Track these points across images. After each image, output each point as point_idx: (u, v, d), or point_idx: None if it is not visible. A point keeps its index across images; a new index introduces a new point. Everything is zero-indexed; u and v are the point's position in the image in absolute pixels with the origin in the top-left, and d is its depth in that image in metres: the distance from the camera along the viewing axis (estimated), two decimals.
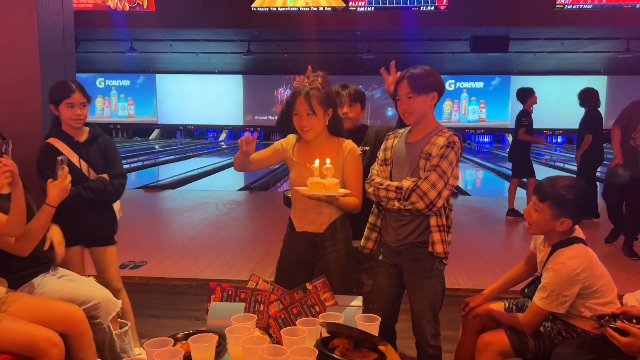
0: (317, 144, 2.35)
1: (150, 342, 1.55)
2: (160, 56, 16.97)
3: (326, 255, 2.34)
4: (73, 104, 2.62)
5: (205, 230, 6.01)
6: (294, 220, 2.40)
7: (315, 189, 2.12)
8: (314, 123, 2.28)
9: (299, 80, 2.33)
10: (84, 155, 2.69)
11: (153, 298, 3.79)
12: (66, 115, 2.64)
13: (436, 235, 2.16)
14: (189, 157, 15.43)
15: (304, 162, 2.33)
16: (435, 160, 2.12)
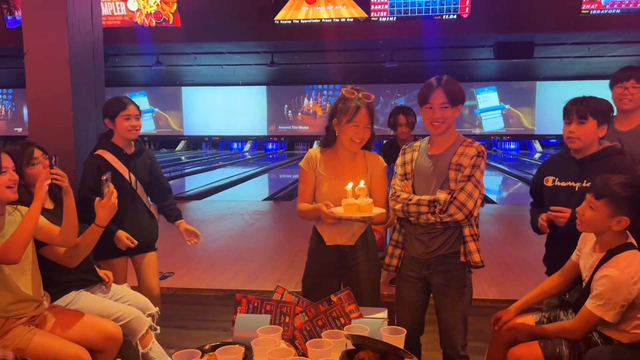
0: (345, 157, 2.38)
1: (179, 354, 1.58)
2: (185, 69, 17.25)
3: (356, 266, 2.37)
4: (129, 115, 2.75)
5: (231, 241, 6.07)
6: (322, 233, 2.41)
7: (351, 211, 2.14)
8: (366, 136, 2.32)
9: (348, 91, 2.35)
10: (132, 167, 2.80)
11: (180, 309, 3.84)
12: (123, 126, 2.74)
13: (472, 245, 2.18)
14: (215, 168, 15.63)
15: (334, 176, 2.36)
16: (467, 170, 2.15)
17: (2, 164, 2.06)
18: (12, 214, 2.20)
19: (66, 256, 2.29)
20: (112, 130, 2.79)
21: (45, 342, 2.06)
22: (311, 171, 2.40)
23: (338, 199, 2.21)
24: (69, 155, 3.03)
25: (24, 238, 2.03)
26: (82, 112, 3.12)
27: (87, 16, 3.16)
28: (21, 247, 2.03)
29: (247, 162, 17.84)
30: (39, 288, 2.24)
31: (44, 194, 2.09)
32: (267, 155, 20.38)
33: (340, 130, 2.33)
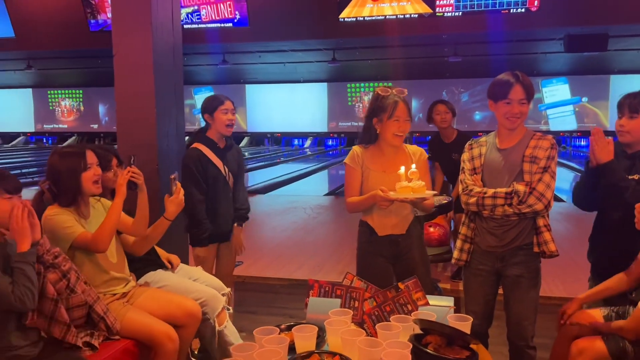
0: (389, 151, 2.48)
1: (259, 330, 1.73)
2: (249, 67, 17.71)
3: (410, 254, 2.47)
4: (227, 110, 2.99)
5: (295, 234, 6.26)
6: (373, 224, 2.51)
7: (405, 193, 2.24)
8: (407, 129, 2.43)
9: (382, 89, 2.45)
10: (225, 159, 3.04)
11: (250, 296, 4.04)
12: (221, 120, 2.97)
13: (547, 235, 2.25)
14: (276, 164, 15.96)
15: (381, 170, 2.46)
16: (543, 162, 2.21)
17: (88, 161, 2.30)
18: (95, 206, 2.44)
19: (135, 245, 2.53)
20: (206, 126, 3.01)
21: (137, 318, 2.27)
22: (357, 167, 2.51)
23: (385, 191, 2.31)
24: (152, 149, 3.27)
25: (110, 230, 2.27)
26: (164, 109, 3.35)
27: (168, 19, 3.39)
28: (108, 238, 2.27)
29: (307, 158, 18.09)
30: (125, 268, 2.48)
31: (125, 190, 2.33)
32: (327, 151, 20.56)
33: (382, 127, 2.43)
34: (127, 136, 3.33)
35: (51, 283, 1.96)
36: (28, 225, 1.86)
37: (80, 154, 2.29)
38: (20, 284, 1.79)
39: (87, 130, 22.75)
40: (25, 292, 1.79)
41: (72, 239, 2.21)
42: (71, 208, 2.28)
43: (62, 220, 2.22)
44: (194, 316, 2.43)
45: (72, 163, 2.26)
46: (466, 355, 1.64)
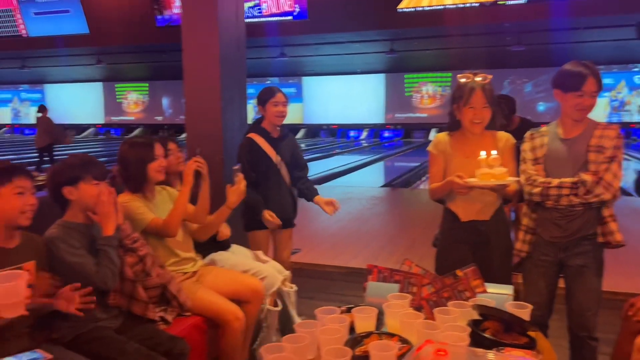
0: (474, 138, 2.44)
1: (321, 310, 1.82)
2: (307, 59, 17.86)
3: (492, 241, 2.43)
4: (277, 102, 3.10)
5: (350, 224, 6.34)
6: (456, 210, 2.47)
7: (485, 179, 2.22)
8: (487, 116, 2.38)
9: (463, 76, 2.45)
10: (277, 148, 3.17)
11: (307, 282, 4.15)
12: (272, 111, 3.11)
13: (613, 225, 2.22)
14: (332, 155, 16.07)
15: (464, 156, 2.43)
16: (610, 151, 2.18)
17: (155, 152, 2.46)
18: (161, 193, 2.61)
19: (198, 232, 2.69)
20: (261, 117, 3.14)
21: (207, 297, 2.43)
22: (440, 154, 2.50)
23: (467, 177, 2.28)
24: (218, 140, 3.43)
25: (179, 216, 2.43)
26: (228, 101, 3.50)
27: (233, 13, 3.53)
28: (177, 224, 2.43)
29: (363, 149, 18.09)
30: (191, 249, 2.65)
31: (191, 179, 2.49)
32: (383, 143, 20.47)
33: (460, 114, 2.42)
34: (194, 128, 3.51)
35: (129, 266, 2.13)
36: (114, 210, 2.03)
37: (148, 145, 2.46)
38: (104, 265, 1.95)
39: (152, 122, 23.72)
40: (107, 273, 1.96)
41: (145, 225, 2.37)
42: (138, 194, 2.45)
43: (135, 207, 2.38)
44: (258, 292, 2.57)
45: (140, 153, 2.43)
46: (524, 342, 1.66)
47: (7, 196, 1.78)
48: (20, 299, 1.48)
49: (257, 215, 3.05)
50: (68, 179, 2.01)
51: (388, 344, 1.56)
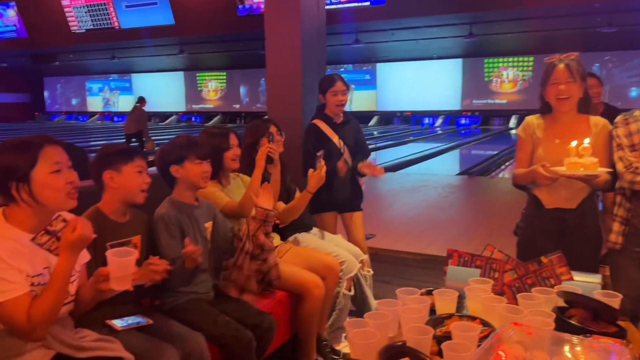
0: (566, 121, 2.36)
1: (402, 290, 1.86)
2: (381, 45, 17.70)
3: (578, 231, 2.35)
4: (336, 91, 3.18)
5: (426, 211, 6.30)
6: (541, 197, 2.42)
7: (574, 169, 2.14)
8: (572, 91, 2.28)
9: (550, 59, 2.38)
10: (340, 134, 3.23)
11: (382, 267, 4.20)
12: (331, 100, 3.20)
13: None
14: (406, 143, 15.90)
15: (553, 139, 2.36)
16: None
17: (230, 142, 2.58)
18: (236, 179, 2.75)
19: (280, 215, 2.79)
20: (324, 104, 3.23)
21: (288, 269, 2.55)
22: (528, 138, 2.44)
23: (555, 163, 2.21)
24: (297, 125, 3.53)
25: (251, 198, 2.52)
26: (309, 87, 3.59)
27: (314, 1, 3.61)
28: (251, 205, 2.53)
29: (438, 137, 17.74)
30: None
31: (263, 164, 2.60)
32: (459, 130, 19.95)
33: (546, 93, 2.35)
34: (275, 113, 3.63)
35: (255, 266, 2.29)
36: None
37: (224, 135, 2.60)
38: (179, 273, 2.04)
39: (230, 110, 24.54)
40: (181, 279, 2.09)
41: (221, 207, 2.51)
42: (214, 181, 2.59)
43: (212, 191, 2.53)
44: (333, 269, 2.66)
45: (217, 142, 2.57)
46: (613, 331, 1.61)
47: (129, 174, 1.95)
48: (129, 274, 1.61)
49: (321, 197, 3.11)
50: (175, 158, 2.17)
51: (470, 325, 1.58)
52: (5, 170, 1.53)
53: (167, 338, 1.88)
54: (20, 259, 1.52)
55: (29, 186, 1.53)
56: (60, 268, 1.53)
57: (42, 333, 1.54)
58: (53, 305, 1.52)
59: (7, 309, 1.47)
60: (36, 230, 1.57)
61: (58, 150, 1.60)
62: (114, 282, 1.59)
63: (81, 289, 1.71)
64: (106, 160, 1.97)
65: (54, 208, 1.58)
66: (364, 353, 1.48)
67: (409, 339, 1.53)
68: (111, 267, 1.59)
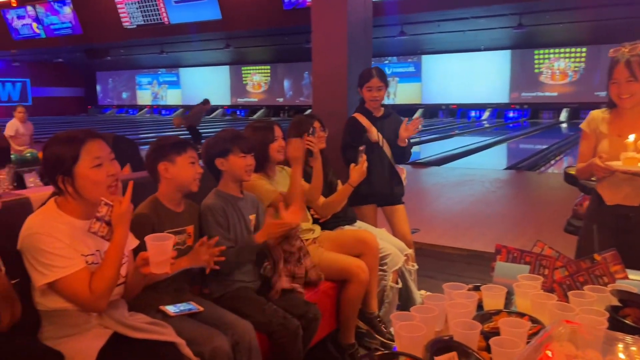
0: (632, 115, 2.29)
1: (448, 285, 1.85)
2: (427, 37, 17.44)
3: (637, 231, 2.28)
4: (371, 87, 3.18)
5: (472, 206, 6.19)
6: (602, 193, 2.36)
7: (631, 165, 2.09)
8: (634, 89, 2.22)
9: (616, 50, 2.30)
10: (379, 127, 3.23)
11: (427, 261, 4.17)
12: (366, 96, 3.21)
13: None
14: (450, 136, 15.63)
15: (616, 134, 2.30)
16: None
17: (275, 134, 2.61)
18: (281, 172, 2.78)
19: (322, 208, 2.82)
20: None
21: (332, 257, 2.60)
22: (592, 132, 2.38)
23: (616, 158, 2.16)
24: (342, 118, 3.53)
25: (296, 193, 2.56)
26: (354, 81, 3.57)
27: None
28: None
29: (484, 130, 17.35)
30: (309, 221, 2.81)
31: (300, 160, 2.58)
32: (506, 124, 19.44)
33: (608, 90, 2.28)
34: (321, 106, 3.66)
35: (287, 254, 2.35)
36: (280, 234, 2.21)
37: (269, 128, 2.63)
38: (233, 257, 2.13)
39: (273, 104, 24.77)
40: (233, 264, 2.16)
41: (271, 200, 2.55)
42: (261, 173, 2.62)
43: (261, 184, 2.58)
44: (369, 243, 2.66)
45: (262, 135, 2.60)
46: None
47: (183, 165, 2.03)
48: (167, 257, 1.67)
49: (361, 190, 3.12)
50: (220, 151, 2.24)
51: (519, 321, 1.56)
52: (53, 163, 1.65)
53: (217, 325, 1.94)
54: (75, 240, 1.64)
55: (72, 180, 1.64)
56: (115, 241, 1.64)
57: (103, 303, 1.65)
58: (112, 277, 1.63)
59: (69, 283, 1.60)
60: (85, 216, 1.69)
61: (100, 144, 1.69)
62: (154, 266, 1.67)
63: (129, 274, 1.81)
64: (160, 152, 2.06)
65: (95, 200, 1.66)
66: (410, 346, 1.48)
67: (456, 334, 1.53)
68: (150, 252, 1.66)
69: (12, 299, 1.51)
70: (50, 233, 1.60)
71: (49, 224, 1.62)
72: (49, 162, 1.66)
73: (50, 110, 25.75)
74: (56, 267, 1.59)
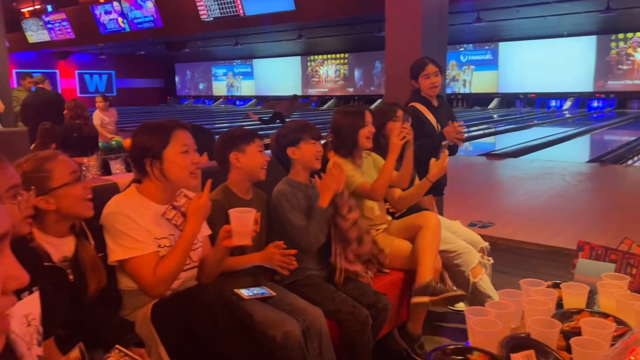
0: None
1: (526, 281, 1.79)
2: (505, 24, 16.73)
3: None
4: (428, 74, 3.10)
5: (552, 200, 5.90)
6: None
7: None
8: None
9: None
10: (437, 117, 3.18)
11: (502, 256, 4.01)
12: (424, 84, 3.13)
13: None
14: (529, 127, 14.95)
15: None
16: None
17: (365, 119, 2.59)
18: (367, 158, 2.75)
19: (398, 202, 2.78)
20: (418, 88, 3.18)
21: (400, 244, 2.59)
22: None
23: None
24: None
25: (385, 182, 2.55)
26: None
27: None
28: (384, 189, 2.56)
29: (565, 121, 16.42)
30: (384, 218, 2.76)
31: (398, 150, 2.55)
32: (590, 114, 18.31)
33: None
34: (393, 96, 3.61)
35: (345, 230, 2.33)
36: (335, 187, 2.21)
37: (360, 113, 2.60)
38: (312, 232, 2.19)
39: (344, 94, 24.76)
40: (314, 239, 2.20)
41: (354, 187, 2.54)
42: (348, 159, 2.62)
43: (346, 170, 2.56)
44: (427, 217, 2.58)
45: (352, 120, 2.58)
46: None
47: (252, 153, 2.11)
48: (249, 230, 1.77)
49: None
50: (291, 140, 2.28)
51: (603, 322, 1.48)
52: (142, 148, 1.78)
53: (288, 310, 1.99)
54: (150, 222, 1.75)
55: (160, 163, 1.76)
56: (187, 232, 1.75)
57: (164, 289, 1.75)
58: (177, 265, 1.73)
59: (136, 264, 1.71)
60: (164, 202, 1.80)
61: (186, 133, 1.82)
62: (236, 238, 1.76)
63: (205, 259, 1.90)
64: (231, 142, 2.13)
65: (179, 184, 1.81)
66: (484, 341, 1.45)
67: (534, 332, 1.47)
68: (233, 224, 1.76)
69: (99, 270, 1.64)
70: (127, 214, 1.72)
71: (128, 205, 1.75)
72: (138, 145, 1.78)
73: (133, 100, 27.17)
74: (126, 247, 1.71)
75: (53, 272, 1.53)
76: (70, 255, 1.62)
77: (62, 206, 1.56)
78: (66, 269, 1.60)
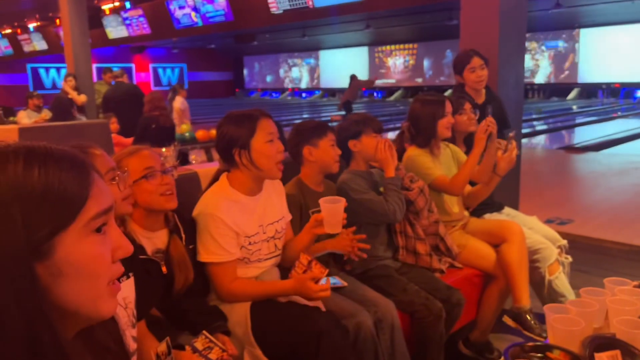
0: None
1: (610, 280, 1.69)
2: (586, 9, 15.77)
3: None
4: (474, 67, 2.95)
5: (637, 197, 5.56)
6: None
7: None
8: None
9: None
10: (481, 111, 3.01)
11: (581, 255, 3.81)
12: (470, 79, 2.97)
13: None
14: (612, 119, 14.06)
15: None
16: None
17: (446, 109, 2.52)
18: (445, 149, 2.69)
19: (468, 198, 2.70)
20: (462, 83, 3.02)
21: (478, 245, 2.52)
22: None
23: None
24: None
25: (466, 177, 2.49)
26: (506, 58, 3.39)
27: None
28: (463, 184, 2.52)
29: None
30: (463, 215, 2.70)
31: (484, 143, 2.48)
32: None
33: None
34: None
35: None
36: (391, 156, 2.23)
37: (440, 102, 2.53)
38: (391, 201, 2.18)
39: (412, 85, 24.33)
40: (396, 208, 2.18)
41: (431, 180, 2.49)
42: (426, 149, 2.57)
43: (423, 162, 2.52)
44: (511, 229, 2.47)
45: (431, 109, 2.52)
46: None
47: (325, 147, 2.13)
48: (339, 219, 1.79)
49: None
50: (352, 133, 2.29)
51: None
52: (230, 138, 1.81)
53: (360, 301, 2.00)
54: (240, 221, 1.79)
55: (249, 153, 1.79)
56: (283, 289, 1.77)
57: (233, 300, 1.80)
58: (254, 295, 1.78)
59: (214, 270, 1.78)
60: (251, 192, 1.84)
61: (271, 122, 1.84)
62: (327, 226, 1.80)
63: (287, 244, 1.95)
64: (303, 136, 2.15)
65: (266, 173, 1.82)
66: (565, 340, 1.40)
67: (620, 332, 1.40)
68: (324, 213, 1.79)
69: (187, 265, 1.71)
70: (219, 216, 1.76)
71: (221, 204, 1.78)
72: (226, 136, 1.81)
73: (203, 93, 28.06)
74: (210, 252, 1.76)
75: (147, 263, 1.62)
76: (163, 247, 1.70)
77: (140, 201, 1.63)
78: (159, 260, 1.68)
